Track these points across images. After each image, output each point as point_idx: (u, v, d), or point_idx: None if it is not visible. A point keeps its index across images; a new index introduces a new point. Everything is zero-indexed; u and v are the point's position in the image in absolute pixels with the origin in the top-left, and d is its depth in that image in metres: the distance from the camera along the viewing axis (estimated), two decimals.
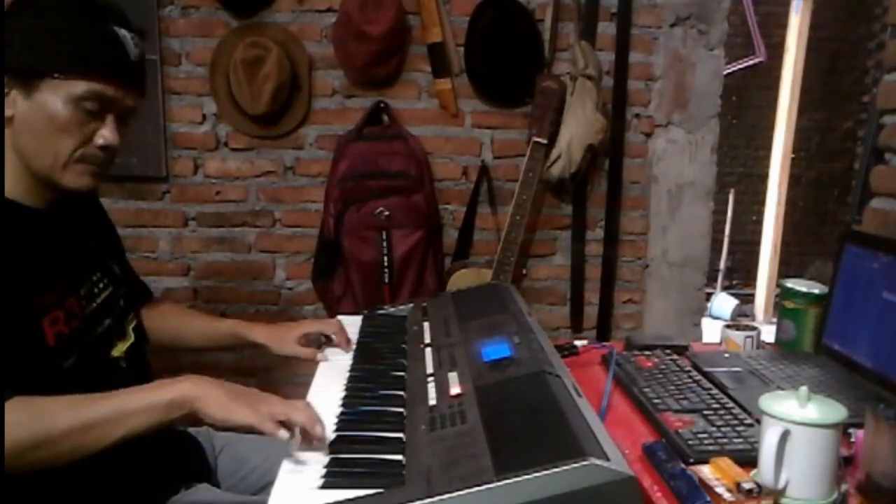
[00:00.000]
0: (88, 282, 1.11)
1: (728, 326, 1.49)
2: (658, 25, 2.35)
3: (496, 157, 2.40)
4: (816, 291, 1.42)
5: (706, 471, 0.90)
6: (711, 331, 2.55)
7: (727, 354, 1.37)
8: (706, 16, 2.34)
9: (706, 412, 1.08)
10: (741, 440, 0.99)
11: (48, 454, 0.91)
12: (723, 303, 4.68)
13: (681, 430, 1.02)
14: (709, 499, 0.84)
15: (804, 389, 0.89)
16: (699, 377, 1.22)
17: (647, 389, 1.17)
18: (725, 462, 0.90)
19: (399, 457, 0.88)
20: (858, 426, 0.94)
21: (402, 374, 1.15)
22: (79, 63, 1.01)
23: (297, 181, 2.38)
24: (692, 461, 0.94)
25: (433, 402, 0.99)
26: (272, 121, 2.30)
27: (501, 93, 2.35)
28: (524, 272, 2.44)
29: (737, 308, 4.64)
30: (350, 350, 1.31)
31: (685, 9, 2.33)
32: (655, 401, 1.12)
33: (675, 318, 2.49)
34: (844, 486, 0.90)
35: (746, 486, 0.85)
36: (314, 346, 1.34)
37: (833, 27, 4.64)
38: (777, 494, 0.87)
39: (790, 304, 1.44)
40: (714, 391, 1.16)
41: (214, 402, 0.94)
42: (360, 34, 2.16)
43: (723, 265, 4.85)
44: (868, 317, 1.26)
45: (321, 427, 0.93)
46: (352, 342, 1.34)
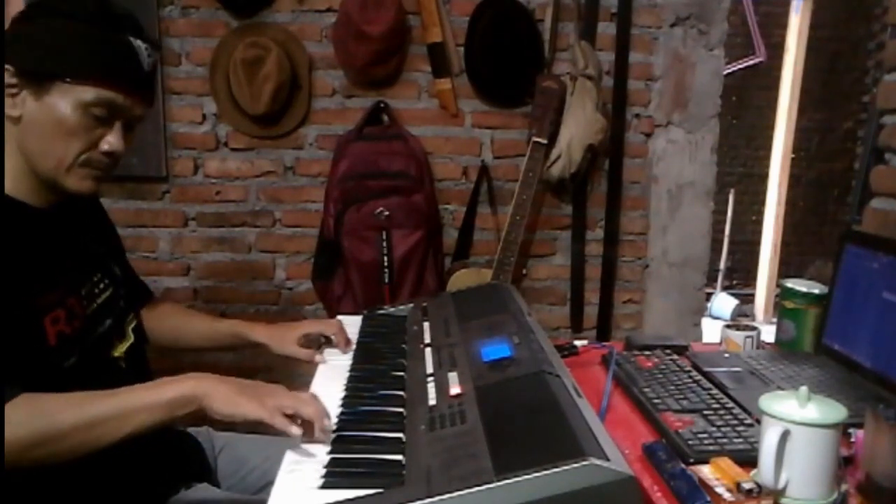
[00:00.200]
0: (89, 282, 1.12)
1: (728, 326, 1.49)
2: (658, 25, 2.35)
3: (496, 157, 2.40)
4: (816, 291, 1.42)
5: (706, 471, 0.90)
6: (711, 331, 2.55)
7: (727, 354, 1.37)
8: (706, 16, 2.34)
9: (706, 412, 1.08)
10: (741, 440, 0.99)
11: (54, 451, 0.91)
12: (723, 303, 4.68)
13: (681, 430, 1.02)
14: (709, 499, 0.84)
15: (804, 389, 0.89)
16: (699, 377, 1.22)
17: (647, 389, 1.17)
18: (725, 462, 0.90)
19: (399, 457, 0.88)
20: (858, 426, 0.94)
21: (402, 374, 1.15)
22: (91, 69, 1.01)
23: (297, 181, 2.38)
24: (692, 461, 0.94)
25: (433, 402, 0.99)
26: (272, 121, 2.30)
27: (501, 93, 2.35)
28: (524, 272, 2.44)
29: (737, 308, 4.64)
30: (349, 351, 1.32)
31: (685, 9, 2.33)
32: (655, 401, 1.12)
33: (675, 318, 2.49)
34: (844, 486, 0.90)
35: (746, 486, 0.85)
36: (314, 347, 1.34)
37: (833, 27, 4.64)
38: (777, 494, 0.87)
39: (790, 304, 1.44)
40: (714, 391, 1.16)
41: (221, 398, 0.94)
42: (360, 34, 2.16)
43: (723, 265, 4.85)
44: (868, 317, 1.26)
45: (329, 420, 0.95)
46: (351, 342, 1.34)
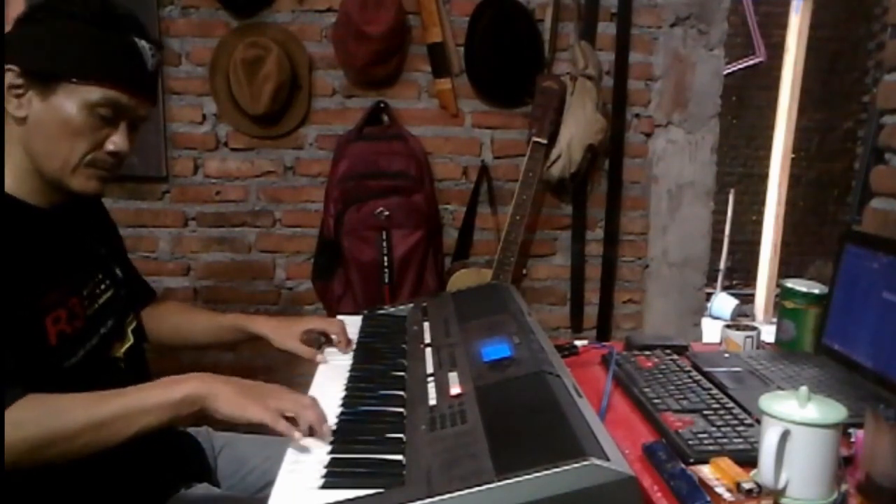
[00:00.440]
0: (91, 283, 1.12)
1: (728, 326, 1.49)
2: (658, 25, 2.35)
3: (496, 157, 2.40)
4: (816, 291, 1.41)
5: (706, 471, 0.90)
6: (711, 331, 2.55)
7: (727, 354, 1.37)
8: (706, 16, 2.34)
9: (706, 412, 1.08)
10: (741, 440, 0.99)
11: (63, 451, 0.91)
12: (723, 303, 4.68)
13: (681, 430, 1.02)
14: (709, 499, 0.84)
15: (804, 389, 0.89)
16: (699, 377, 1.22)
17: (647, 389, 1.17)
18: (725, 462, 0.90)
19: (399, 457, 0.88)
20: (858, 426, 0.94)
21: (402, 374, 1.15)
22: (97, 70, 1.02)
23: (297, 181, 2.38)
24: (692, 461, 0.94)
25: (433, 402, 0.99)
26: (272, 121, 2.30)
27: (501, 93, 2.35)
28: (524, 272, 2.44)
29: (737, 308, 4.64)
30: (349, 351, 1.32)
31: (685, 9, 2.33)
32: (655, 401, 1.12)
33: (675, 318, 2.49)
34: (844, 486, 0.90)
35: (746, 486, 0.85)
36: (314, 346, 1.34)
37: (833, 27, 4.64)
38: (777, 494, 0.87)
39: (790, 304, 1.44)
40: (714, 391, 1.16)
41: (224, 399, 0.95)
42: (360, 34, 2.16)
43: (723, 265, 4.85)
44: (868, 317, 1.26)
45: (327, 426, 0.95)
46: (352, 342, 1.34)
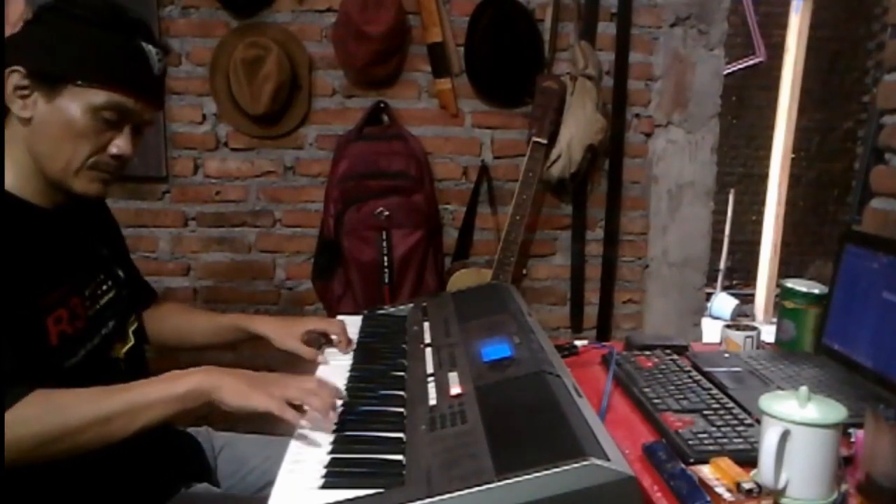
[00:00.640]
0: (93, 283, 1.12)
1: (728, 326, 1.49)
2: (658, 25, 2.35)
3: (496, 157, 2.40)
4: (816, 291, 1.41)
5: (706, 471, 0.90)
6: (711, 331, 2.55)
7: (727, 354, 1.37)
8: (706, 16, 2.34)
9: (706, 412, 1.08)
10: (741, 440, 0.99)
11: (69, 446, 0.92)
12: (723, 303, 4.68)
13: (681, 430, 1.02)
14: (709, 499, 0.84)
15: (804, 389, 0.89)
16: (699, 377, 1.22)
17: (647, 389, 1.17)
18: (725, 462, 0.90)
19: (399, 457, 0.88)
20: (858, 426, 0.94)
21: (402, 374, 1.15)
22: (103, 73, 1.02)
23: (297, 181, 2.38)
24: (692, 461, 0.94)
25: (433, 402, 0.99)
26: (272, 121, 2.30)
27: (501, 93, 2.35)
28: (524, 272, 2.44)
29: (737, 308, 4.64)
30: (350, 351, 1.31)
31: (685, 9, 2.33)
32: (655, 401, 1.12)
33: (675, 318, 2.49)
34: (844, 486, 0.90)
35: (746, 486, 0.85)
36: (314, 347, 1.34)
37: (833, 27, 4.64)
38: (777, 494, 0.87)
39: (790, 304, 1.44)
40: (714, 391, 1.16)
41: (230, 390, 0.95)
42: (360, 34, 2.16)
43: (723, 265, 4.85)
44: (868, 317, 1.26)
45: (335, 413, 0.98)
46: (352, 342, 1.34)
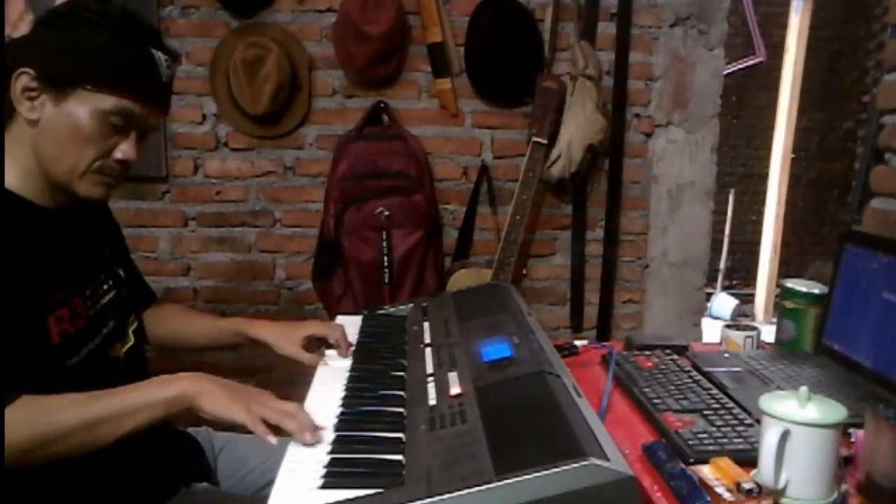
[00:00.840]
0: (94, 283, 1.12)
1: (728, 326, 1.49)
2: (658, 25, 2.35)
3: (496, 157, 2.40)
4: (816, 291, 1.41)
5: (706, 471, 0.90)
6: (711, 331, 2.55)
7: (727, 354, 1.37)
8: (706, 16, 2.34)
9: (706, 412, 1.08)
10: (741, 440, 0.99)
11: (56, 451, 0.92)
12: (723, 303, 4.68)
13: (681, 430, 1.02)
14: (709, 499, 0.84)
15: (804, 389, 0.89)
16: (699, 377, 1.22)
17: (647, 389, 1.17)
18: (725, 462, 0.90)
19: (399, 457, 0.88)
20: (858, 426, 0.94)
21: (402, 374, 1.15)
22: (113, 79, 1.02)
23: (297, 181, 2.38)
24: (692, 461, 0.94)
25: (433, 402, 0.99)
26: (272, 121, 2.30)
27: (501, 93, 2.35)
28: (524, 272, 2.44)
29: (737, 308, 4.64)
30: (349, 354, 1.31)
31: (685, 9, 2.33)
32: (655, 401, 1.12)
33: (675, 318, 2.49)
34: (844, 486, 0.90)
35: (746, 486, 0.85)
36: (313, 350, 1.33)
37: (833, 27, 4.64)
38: (777, 494, 0.87)
39: (790, 304, 1.44)
40: (714, 391, 1.16)
41: (211, 399, 0.96)
42: (360, 34, 2.16)
43: (723, 265, 4.85)
44: (868, 317, 1.26)
45: (311, 435, 0.94)
46: (351, 346, 1.33)
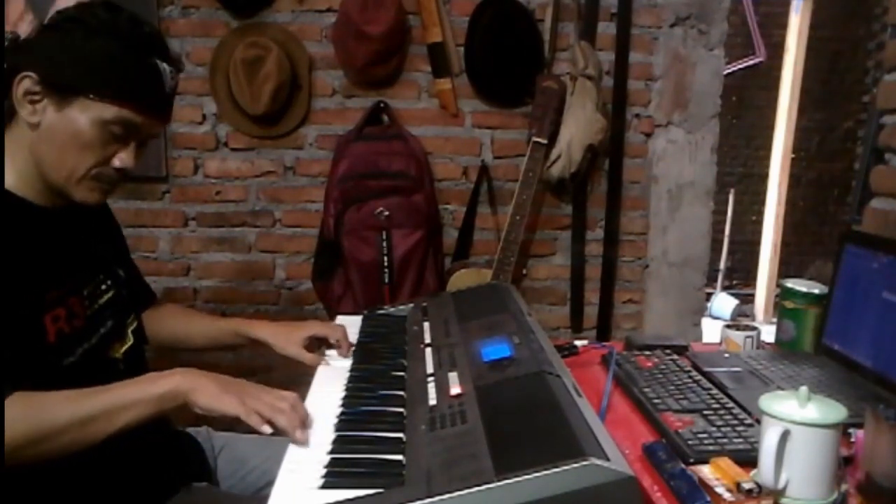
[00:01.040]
0: (92, 283, 1.12)
1: (728, 326, 1.49)
2: (658, 25, 2.35)
3: (496, 157, 2.40)
4: (816, 291, 1.41)
5: (706, 471, 0.90)
6: (711, 331, 2.55)
7: (727, 354, 1.37)
8: (706, 16, 2.34)
9: (706, 412, 1.08)
10: (741, 440, 0.99)
11: (49, 448, 0.92)
12: (723, 303, 4.68)
13: (681, 430, 1.02)
14: (709, 499, 0.84)
15: (804, 389, 0.89)
16: (699, 377, 1.22)
17: (647, 389, 1.17)
18: (725, 462, 0.90)
19: (399, 457, 0.88)
20: (858, 426, 0.94)
21: (402, 374, 1.15)
22: (116, 89, 1.02)
23: (297, 181, 2.38)
24: (692, 461, 0.94)
25: (433, 402, 0.99)
26: (272, 121, 2.30)
27: (501, 93, 2.35)
28: (524, 272, 2.44)
29: (737, 308, 4.64)
30: (349, 354, 1.31)
31: (685, 9, 2.33)
32: (655, 401, 1.12)
33: (675, 318, 2.49)
34: (844, 486, 0.90)
35: (746, 486, 0.85)
36: (314, 351, 1.33)
37: (833, 27, 4.64)
38: (777, 494, 0.87)
39: (790, 304, 1.44)
40: (714, 391, 1.16)
41: (204, 393, 0.97)
42: (360, 34, 2.16)
43: (723, 265, 4.85)
44: (868, 317, 1.26)
45: (302, 432, 0.95)
46: (352, 346, 1.33)
